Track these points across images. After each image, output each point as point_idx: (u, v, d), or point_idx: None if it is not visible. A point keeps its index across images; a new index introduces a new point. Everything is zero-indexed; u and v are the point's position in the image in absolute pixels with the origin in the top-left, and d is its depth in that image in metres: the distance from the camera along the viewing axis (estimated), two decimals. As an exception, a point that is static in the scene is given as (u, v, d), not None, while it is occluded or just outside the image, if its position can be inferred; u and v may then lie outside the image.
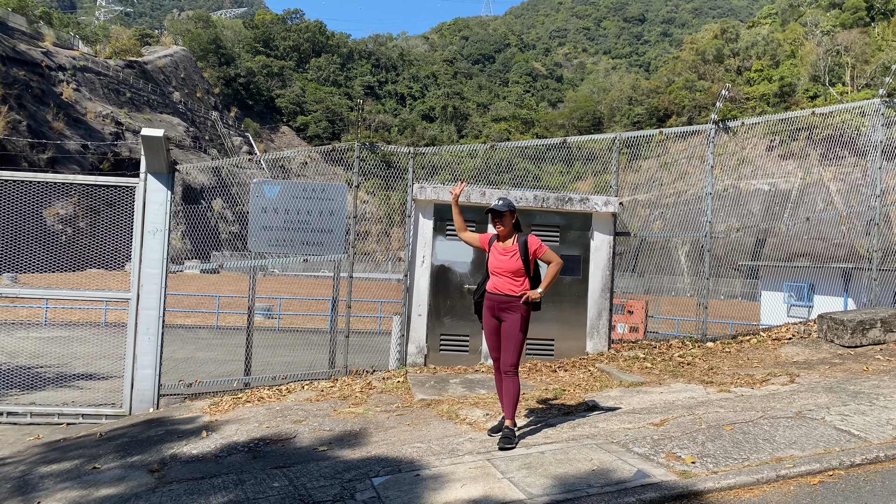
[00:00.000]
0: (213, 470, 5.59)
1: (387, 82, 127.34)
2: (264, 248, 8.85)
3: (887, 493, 4.41)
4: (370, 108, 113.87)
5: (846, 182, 20.93)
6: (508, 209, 5.88)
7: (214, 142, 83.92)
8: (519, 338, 5.75)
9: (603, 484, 4.65)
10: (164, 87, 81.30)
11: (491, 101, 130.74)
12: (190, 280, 31.98)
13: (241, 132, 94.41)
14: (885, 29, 79.82)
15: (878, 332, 8.72)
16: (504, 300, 5.81)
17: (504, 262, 5.85)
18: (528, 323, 5.85)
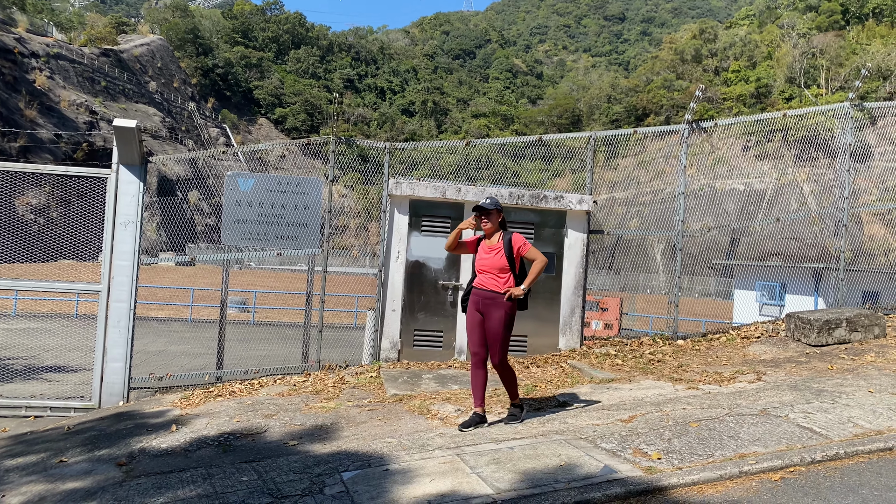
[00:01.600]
0: (181, 464, 5.56)
1: (366, 76, 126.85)
2: (238, 241, 8.80)
3: (846, 489, 4.51)
4: (349, 102, 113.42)
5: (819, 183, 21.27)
6: (496, 207, 6.04)
7: (191, 133, 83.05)
8: (503, 335, 5.92)
9: (570, 479, 4.71)
10: (141, 76, 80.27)
11: (471, 96, 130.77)
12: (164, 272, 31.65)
13: (218, 123, 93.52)
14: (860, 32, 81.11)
15: (844, 332, 8.90)
16: (489, 296, 5.97)
17: (489, 260, 6.00)
18: (512, 320, 6.00)
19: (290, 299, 24.77)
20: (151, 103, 77.47)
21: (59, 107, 59.64)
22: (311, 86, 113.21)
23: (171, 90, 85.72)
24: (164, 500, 4.75)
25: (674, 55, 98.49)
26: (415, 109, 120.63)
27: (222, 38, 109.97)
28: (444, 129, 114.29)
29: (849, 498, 4.37)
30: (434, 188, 9.46)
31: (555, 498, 4.43)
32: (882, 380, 7.06)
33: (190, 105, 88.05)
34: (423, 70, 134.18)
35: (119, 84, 73.68)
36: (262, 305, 23.19)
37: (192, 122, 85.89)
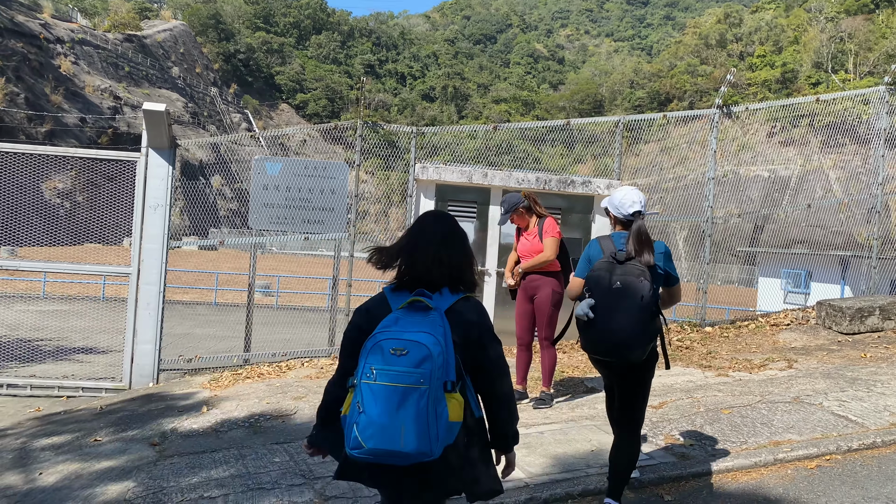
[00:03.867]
0: (213, 444, 5.62)
1: (387, 61, 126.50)
2: (265, 225, 8.84)
3: (884, 477, 4.45)
4: (370, 87, 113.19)
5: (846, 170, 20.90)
6: (513, 213, 6.31)
7: (213, 118, 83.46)
8: (550, 311, 6.19)
9: (602, 464, 4.69)
10: (163, 61, 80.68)
11: (492, 81, 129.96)
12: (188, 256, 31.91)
13: (240, 109, 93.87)
14: (890, 16, 79.30)
15: (877, 320, 8.76)
16: (534, 278, 6.26)
17: (528, 245, 6.32)
18: (560, 298, 6.22)
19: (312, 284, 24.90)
20: (174, 89, 77.87)
21: (84, 92, 60.17)
22: (332, 71, 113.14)
23: (193, 76, 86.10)
24: (198, 479, 4.80)
25: (698, 40, 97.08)
26: (435, 95, 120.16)
27: (244, 23, 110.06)
28: (465, 115, 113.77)
29: (887, 486, 4.31)
30: (461, 173, 9.42)
31: (587, 483, 4.42)
32: (917, 369, 6.95)
33: (212, 90, 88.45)
34: (443, 55, 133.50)
35: (142, 69, 74.14)
36: (284, 290, 23.34)
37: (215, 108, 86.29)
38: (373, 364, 2.39)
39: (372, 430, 2.32)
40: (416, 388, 2.33)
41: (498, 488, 2.66)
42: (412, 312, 2.52)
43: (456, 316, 2.59)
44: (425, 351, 2.37)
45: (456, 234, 2.83)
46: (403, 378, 2.34)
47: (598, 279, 3.78)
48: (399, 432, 2.31)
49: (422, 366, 2.34)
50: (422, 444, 2.31)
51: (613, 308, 3.64)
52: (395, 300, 2.64)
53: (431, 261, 2.70)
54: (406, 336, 2.41)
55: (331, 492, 4.46)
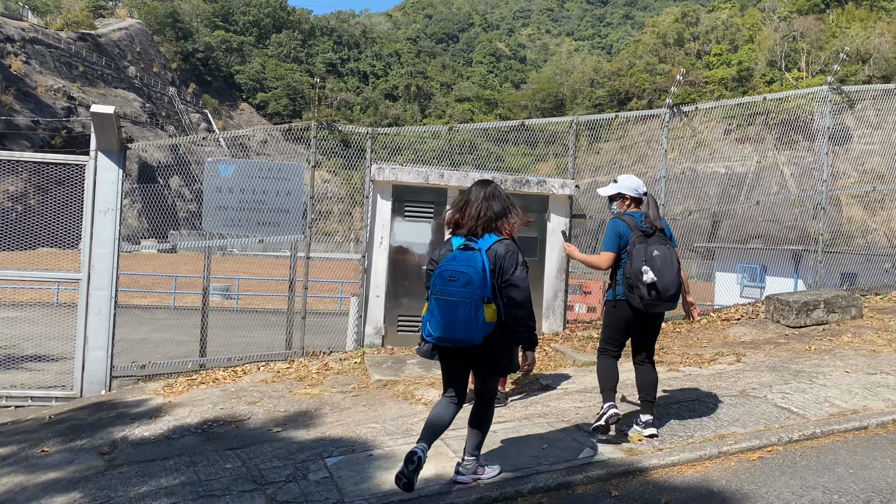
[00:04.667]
0: (165, 452, 5.56)
1: (349, 60, 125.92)
2: (219, 228, 8.75)
3: (821, 467, 4.60)
4: (332, 86, 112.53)
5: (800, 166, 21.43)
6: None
7: (172, 118, 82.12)
8: None
9: (552, 462, 4.76)
10: (119, 61, 79.14)
11: (454, 80, 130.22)
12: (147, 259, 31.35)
13: (199, 109, 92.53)
14: (840, 16, 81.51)
15: (822, 313, 9.02)
16: None
17: None
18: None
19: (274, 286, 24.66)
20: (131, 88, 76.44)
21: (37, 92, 58.72)
22: (293, 70, 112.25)
23: (150, 75, 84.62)
24: (147, 488, 4.75)
25: (656, 39, 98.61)
26: (398, 94, 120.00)
27: (202, 21, 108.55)
28: (428, 114, 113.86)
29: (824, 476, 4.45)
30: (417, 173, 9.44)
31: (537, 481, 4.48)
32: (858, 360, 7.17)
33: (170, 90, 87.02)
34: (406, 54, 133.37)
35: (97, 69, 72.62)
36: (245, 292, 23.10)
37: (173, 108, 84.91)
38: (437, 285, 3.96)
39: (436, 326, 3.94)
40: (463, 301, 3.85)
41: (516, 368, 4.33)
42: (464, 252, 4.04)
43: (492, 253, 4.05)
44: (468, 278, 3.88)
45: (494, 196, 4.20)
46: (455, 294, 3.87)
47: (643, 250, 4.89)
48: (454, 327, 3.87)
49: (467, 287, 3.86)
50: (468, 334, 3.87)
51: (665, 270, 4.81)
52: (455, 244, 4.16)
53: (475, 216, 4.13)
54: (457, 268, 3.93)
55: (282, 497, 4.45)
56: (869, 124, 24.14)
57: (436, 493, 4.32)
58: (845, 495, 4.15)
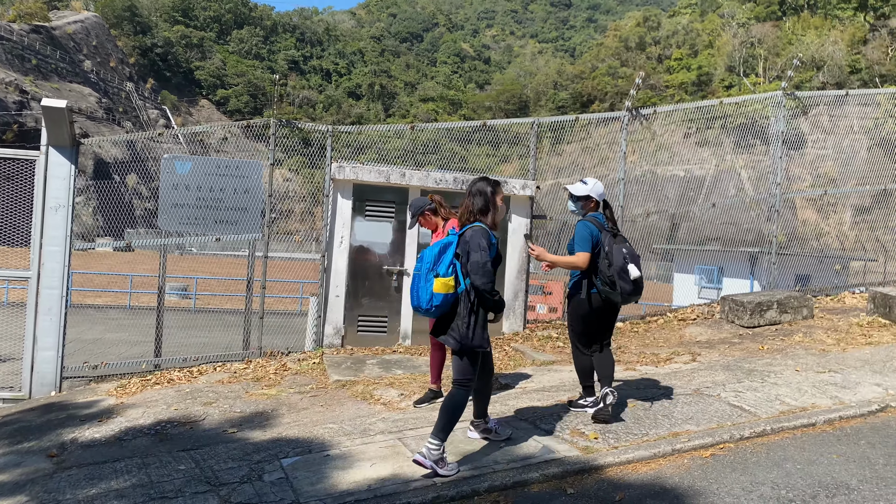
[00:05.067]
0: (116, 454, 5.43)
1: (312, 57, 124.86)
2: (175, 226, 8.59)
3: (771, 463, 4.70)
4: (294, 84, 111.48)
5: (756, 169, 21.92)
6: (419, 214, 6.45)
7: (129, 114, 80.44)
8: None
9: (509, 460, 4.78)
10: (75, 54, 77.25)
11: (419, 80, 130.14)
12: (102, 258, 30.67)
13: (157, 104, 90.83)
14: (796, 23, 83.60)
15: (775, 313, 9.23)
16: None
17: None
18: None
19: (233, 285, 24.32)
20: (86, 83, 74.66)
21: (-13, 85, 56.99)
22: (255, 67, 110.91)
23: (107, 70, 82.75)
24: (96, 491, 4.63)
25: (618, 42, 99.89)
26: (362, 92, 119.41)
27: (161, 16, 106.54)
28: (392, 113, 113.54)
29: (773, 472, 4.55)
30: (378, 172, 9.40)
31: (493, 479, 4.49)
32: (808, 359, 7.36)
33: (128, 85, 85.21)
34: (369, 53, 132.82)
35: (51, 62, 70.76)
36: (203, 292, 22.73)
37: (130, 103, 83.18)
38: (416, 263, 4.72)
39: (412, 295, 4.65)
40: (416, 274, 4.62)
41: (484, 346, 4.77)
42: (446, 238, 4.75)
43: (463, 237, 4.70)
44: (423, 257, 4.65)
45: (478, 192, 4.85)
46: (415, 269, 4.66)
47: (621, 249, 5.34)
48: (413, 295, 4.63)
49: (420, 262, 4.64)
50: (418, 301, 4.58)
51: (639, 266, 5.33)
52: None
53: (465, 209, 4.85)
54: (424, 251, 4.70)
55: (236, 498, 4.39)
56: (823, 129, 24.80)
57: (391, 493, 4.30)
58: (793, 490, 4.25)
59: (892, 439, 5.06)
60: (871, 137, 24.27)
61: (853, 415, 5.51)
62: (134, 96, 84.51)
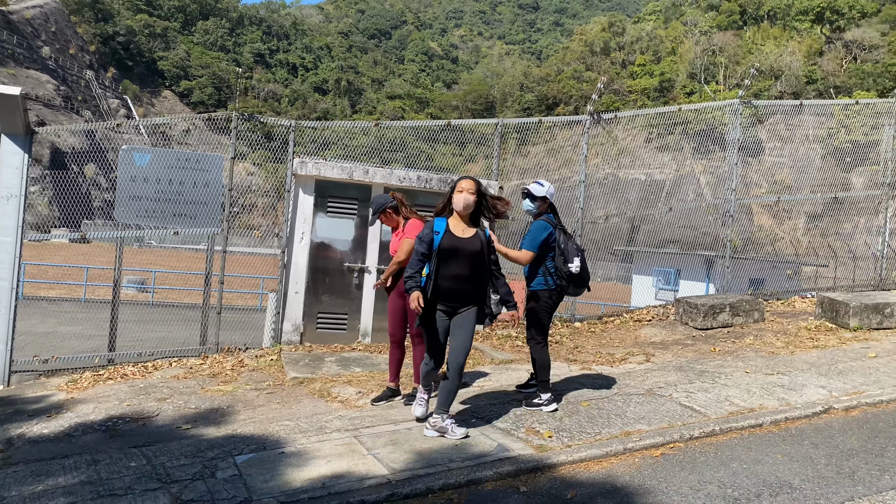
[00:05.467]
0: (65, 450, 5.33)
1: (278, 51, 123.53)
2: (133, 218, 8.44)
3: (718, 462, 4.82)
4: (260, 77, 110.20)
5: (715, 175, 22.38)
6: (381, 211, 6.53)
7: (89, 103, 78.62)
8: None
9: (464, 458, 4.82)
10: (32, 40, 75.18)
11: (386, 77, 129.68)
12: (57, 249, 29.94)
13: (118, 94, 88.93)
14: (756, 33, 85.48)
15: (727, 316, 9.45)
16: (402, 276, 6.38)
17: (396, 245, 6.46)
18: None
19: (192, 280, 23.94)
20: (44, 70, 72.78)
21: (-62, 69, 55.14)
22: (220, 59, 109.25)
23: (66, 57, 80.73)
24: (43, 487, 4.54)
25: (584, 47, 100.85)
26: (328, 88, 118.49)
27: (123, 4, 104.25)
28: (359, 110, 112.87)
29: (721, 471, 4.67)
30: (341, 169, 9.36)
31: (448, 476, 4.53)
32: (758, 361, 7.55)
33: (88, 73, 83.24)
34: (337, 48, 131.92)
35: (7, 48, 68.77)
36: (161, 286, 22.34)
37: (90, 92, 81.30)
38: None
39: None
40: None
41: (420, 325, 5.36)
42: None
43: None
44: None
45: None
46: None
47: (573, 246, 5.90)
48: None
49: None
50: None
51: (583, 261, 5.88)
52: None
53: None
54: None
55: (188, 495, 4.34)
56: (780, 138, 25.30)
57: (346, 490, 4.31)
58: (739, 489, 4.37)
59: (833, 440, 5.23)
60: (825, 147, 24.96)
61: (798, 416, 5.67)
62: (94, 85, 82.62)
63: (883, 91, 60.98)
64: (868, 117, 13.72)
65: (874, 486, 4.41)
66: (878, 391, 6.26)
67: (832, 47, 77.76)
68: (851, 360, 7.45)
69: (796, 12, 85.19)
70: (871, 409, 5.92)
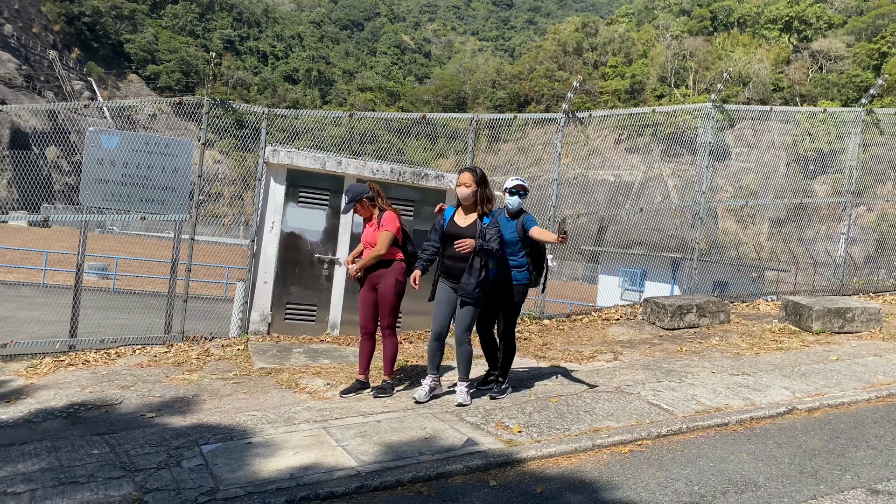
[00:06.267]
0: (24, 436, 5.19)
1: (248, 38, 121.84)
2: (98, 202, 8.24)
3: (685, 460, 4.88)
4: (229, 64, 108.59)
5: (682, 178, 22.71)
6: (356, 200, 6.39)
7: (51, 84, 76.69)
8: (392, 300, 6.29)
9: (433, 451, 4.81)
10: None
11: (358, 69, 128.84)
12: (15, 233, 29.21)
13: (82, 76, 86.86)
14: (726, 40, 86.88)
15: (694, 317, 9.58)
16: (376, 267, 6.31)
17: (369, 237, 6.37)
18: (402, 287, 6.38)
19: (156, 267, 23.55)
20: (5, 48, 70.78)
21: None
22: (188, 44, 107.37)
23: (29, 35, 78.60)
24: (2, 474, 4.41)
25: (557, 46, 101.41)
26: (298, 77, 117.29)
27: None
28: (329, 100, 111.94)
29: (687, 469, 4.73)
30: (314, 159, 9.26)
31: (417, 469, 4.51)
32: (723, 361, 7.67)
33: (51, 54, 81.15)
34: (308, 37, 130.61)
35: (-33, 23, 66.72)
36: (124, 273, 21.93)
37: (53, 73, 79.29)
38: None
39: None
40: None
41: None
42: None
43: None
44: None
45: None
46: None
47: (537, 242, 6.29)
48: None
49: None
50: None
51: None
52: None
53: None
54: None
55: (152, 484, 4.26)
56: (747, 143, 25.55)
57: (315, 482, 4.27)
58: (705, 487, 4.43)
59: (796, 440, 5.33)
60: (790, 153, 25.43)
61: (763, 416, 5.78)
62: (57, 65, 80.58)
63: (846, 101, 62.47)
64: (833, 126, 14.02)
65: (836, 485, 4.51)
66: (840, 393, 6.40)
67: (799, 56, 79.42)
68: (814, 362, 7.62)
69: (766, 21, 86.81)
70: (833, 410, 6.05)
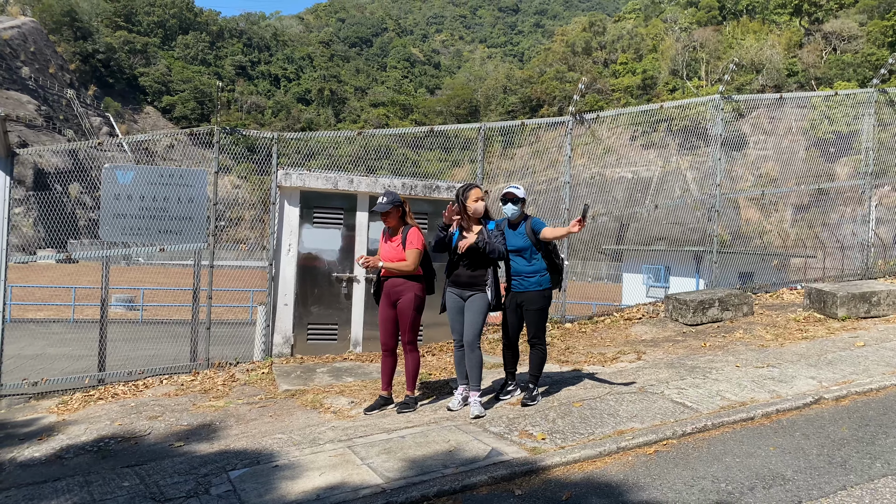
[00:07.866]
0: (56, 473, 5.29)
1: (259, 62, 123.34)
2: (117, 237, 8.40)
3: (711, 457, 4.84)
4: (242, 89, 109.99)
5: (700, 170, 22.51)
6: (393, 206, 6.31)
7: (70, 122, 78.16)
8: (412, 316, 6.28)
9: (458, 464, 4.82)
10: (11, 61, 74.72)
11: (369, 85, 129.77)
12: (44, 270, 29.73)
13: (100, 112, 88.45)
14: (735, 28, 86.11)
15: (717, 311, 9.49)
16: (398, 283, 6.31)
17: (390, 252, 6.33)
18: (422, 302, 6.39)
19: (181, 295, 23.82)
20: (24, 90, 72.34)
21: (-83, 93, 54.70)
22: (201, 73, 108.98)
23: (46, 76, 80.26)
24: (35, 512, 4.51)
25: (565, 47, 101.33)
26: (311, 97, 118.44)
27: (102, 21, 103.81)
28: (343, 118, 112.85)
29: (714, 466, 4.69)
30: (325, 179, 9.35)
31: (442, 483, 4.52)
32: (748, 355, 7.59)
33: (68, 92, 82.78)
34: (318, 57, 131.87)
35: (-14, 69, 68.32)
36: (150, 303, 22.22)
37: (72, 111, 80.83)
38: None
39: None
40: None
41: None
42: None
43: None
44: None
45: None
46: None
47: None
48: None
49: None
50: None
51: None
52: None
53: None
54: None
55: (182, 513, 4.32)
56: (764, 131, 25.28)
57: (340, 502, 4.30)
58: (732, 483, 4.39)
59: (824, 430, 5.26)
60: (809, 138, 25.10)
61: (789, 408, 5.71)
62: (75, 103, 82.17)
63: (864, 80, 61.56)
64: (849, 108, 13.84)
65: (866, 473, 4.44)
66: (868, 380, 6.31)
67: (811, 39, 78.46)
68: (840, 349, 7.51)
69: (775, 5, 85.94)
70: (861, 397, 5.96)
